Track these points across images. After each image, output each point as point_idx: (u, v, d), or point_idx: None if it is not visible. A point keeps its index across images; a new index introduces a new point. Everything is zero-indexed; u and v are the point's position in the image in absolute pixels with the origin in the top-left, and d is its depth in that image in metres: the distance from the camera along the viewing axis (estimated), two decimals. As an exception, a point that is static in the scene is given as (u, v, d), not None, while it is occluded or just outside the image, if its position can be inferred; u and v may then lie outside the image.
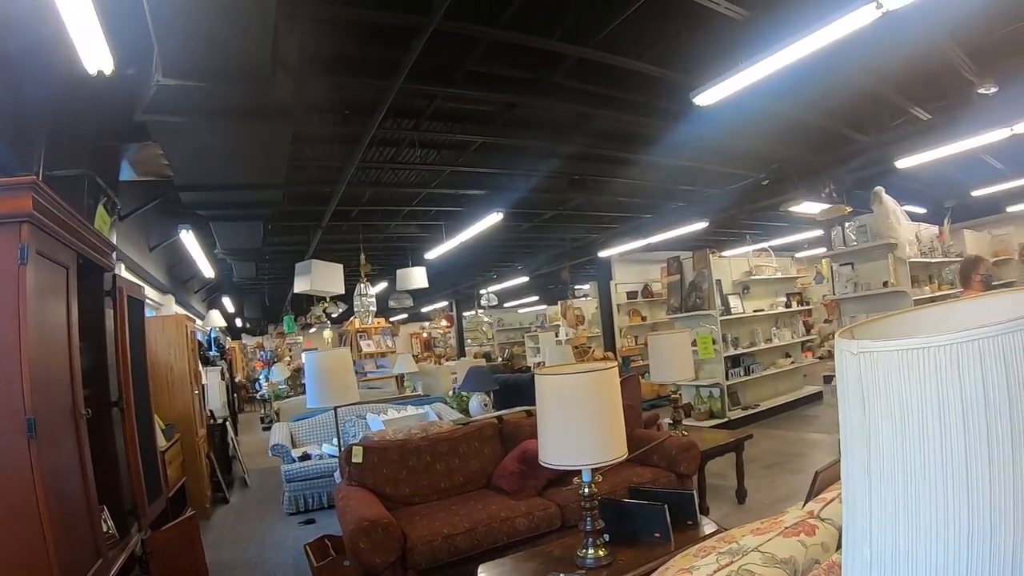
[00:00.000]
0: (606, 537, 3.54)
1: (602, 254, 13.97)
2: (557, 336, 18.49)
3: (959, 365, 0.80)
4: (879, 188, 8.27)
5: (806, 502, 2.39)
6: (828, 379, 13.50)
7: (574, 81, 5.97)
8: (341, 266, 10.11)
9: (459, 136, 7.15)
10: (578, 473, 3.44)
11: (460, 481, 5.38)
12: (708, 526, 4.02)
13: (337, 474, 5.76)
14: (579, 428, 3.29)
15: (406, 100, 6.11)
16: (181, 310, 11.81)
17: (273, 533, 7.04)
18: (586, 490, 3.45)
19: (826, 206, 9.30)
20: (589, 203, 10.77)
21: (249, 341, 27.32)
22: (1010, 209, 13.26)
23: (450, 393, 10.23)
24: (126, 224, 7.03)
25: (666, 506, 3.79)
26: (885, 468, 0.87)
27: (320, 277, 9.64)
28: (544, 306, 24.66)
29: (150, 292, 9.42)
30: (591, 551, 3.49)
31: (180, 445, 7.12)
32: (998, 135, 7.47)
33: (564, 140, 7.48)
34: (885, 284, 8.18)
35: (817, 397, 12.08)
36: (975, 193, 12.00)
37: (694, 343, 9.84)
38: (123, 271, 7.35)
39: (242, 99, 4.13)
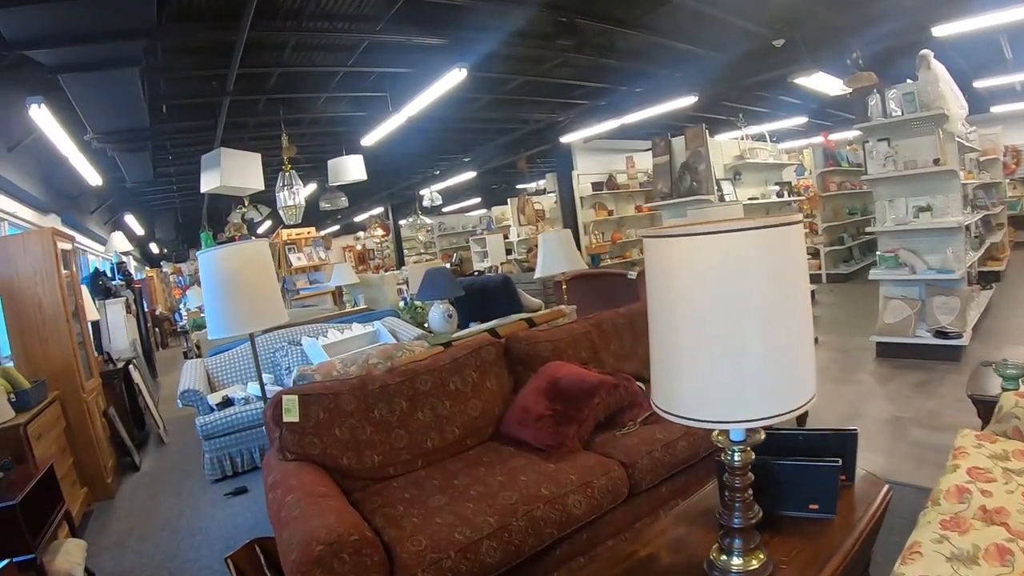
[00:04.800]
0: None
1: (565, 139, 12.30)
2: (507, 237, 16.94)
3: None
4: (926, 51, 6.61)
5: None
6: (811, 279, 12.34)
7: None
8: (258, 155, 7.96)
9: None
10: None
11: (456, 435, 3.58)
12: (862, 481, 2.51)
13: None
14: (745, 345, 1.60)
15: None
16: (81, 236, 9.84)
17: (194, 515, 5.23)
18: (737, 457, 1.87)
19: (837, 80, 8.23)
20: (565, 65, 8.84)
21: (168, 269, 25.07)
22: (995, 109, 12.90)
23: (400, 304, 8.40)
24: None
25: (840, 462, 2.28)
26: None
27: (232, 169, 7.51)
28: (484, 210, 23.42)
29: (24, 211, 7.64)
30: (737, 560, 1.93)
31: (60, 407, 5.52)
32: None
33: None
34: (936, 162, 6.61)
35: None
36: (977, 84, 10.92)
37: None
38: None
39: None
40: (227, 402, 5.97)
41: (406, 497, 3.00)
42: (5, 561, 3.11)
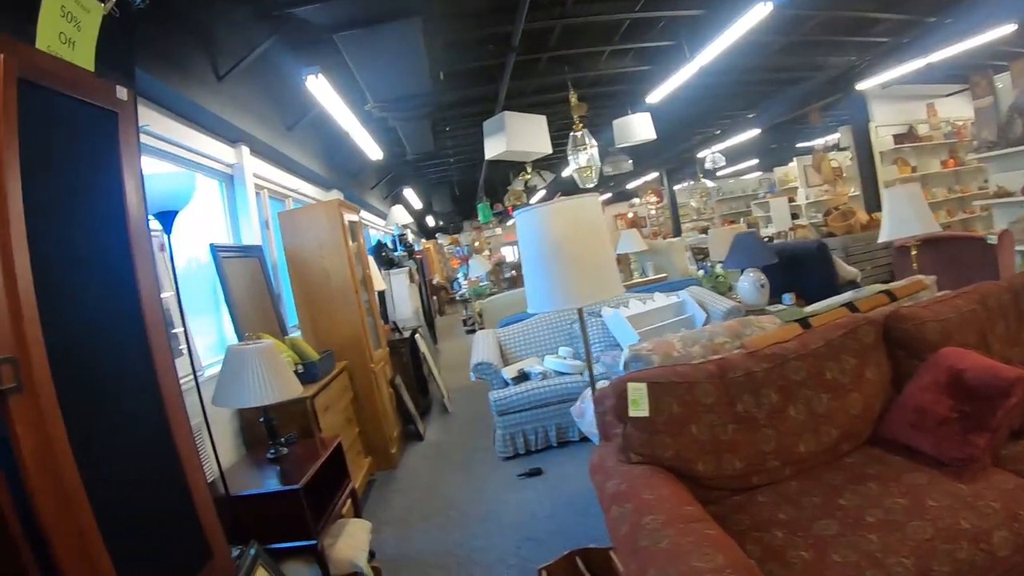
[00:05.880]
0: None
1: (861, 85, 10.75)
2: (792, 200, 15.59)
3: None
4: None
5: None
6: None
7: None
8: (543, 117, 7.57)
9: None
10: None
11: (833, 438, 2.74)
12: None
13: (586, 421, 3.30)
14: None
15: None
16: (363, 211, 10.06)
17: (483, 496, 4.84)
18: None
19: None
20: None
21: (444, 241, 25.98)
22: None
23: (700, 273, 7.67)
24: (236, 87, 4.99)
25: None
26: None
27: (517, 133, 7.18)
28: (760, 172, 21.70)
29: (307, 188, 7.79)
30: None
31: (348, 377, 5.49)
32: None
33: None
34: None
35: None
36: None
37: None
38: (247, 156, 5.59)
39: None
40: (523, 376, 5.63)
41: (781, 519, 2.30)
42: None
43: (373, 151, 8.35)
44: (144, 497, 2.01)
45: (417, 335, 7.91)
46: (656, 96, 8.59)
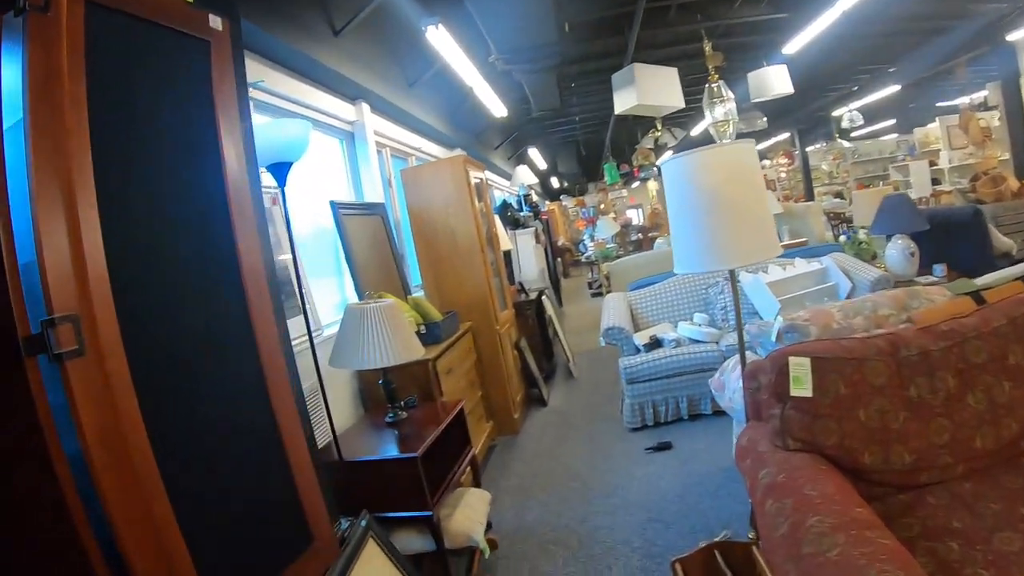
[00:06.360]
0: None
1: (1012, 36, 9.80)
2: (934, 164, 14.47)
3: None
4: None
5: None
6: None
7: None
8: (674, 70, 7.19)
9: None
10: None
11: (1012, 433, 2.30)
12: None
13: (726, 395, 3.00)
14: None
15: None
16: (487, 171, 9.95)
17: (607, 468, 4.57)
18: None
19: None
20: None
21: (569, 202, 25.77)
22: None
23: (842, 239, 7.17)
24: (354, 42, 4.92)
25: None
26: None
27: (648, 86, 6.84)
28: (896, 134, 20.11)
29: (430, 147, 7.75)
30: None
31: (472, 339, 5.41)
32: None
33: None
34: None
35: None
36: None
37: None
38: (368, 114, 5.51)
39: None
40: (655, 343, 5.33)
41: (956, 527, 1.93)
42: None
43: (497, 108, 8.14)
44: (235, 481, 1.86)
45: (543, 297, 7.73)
46: (794, 46, 8.03)
